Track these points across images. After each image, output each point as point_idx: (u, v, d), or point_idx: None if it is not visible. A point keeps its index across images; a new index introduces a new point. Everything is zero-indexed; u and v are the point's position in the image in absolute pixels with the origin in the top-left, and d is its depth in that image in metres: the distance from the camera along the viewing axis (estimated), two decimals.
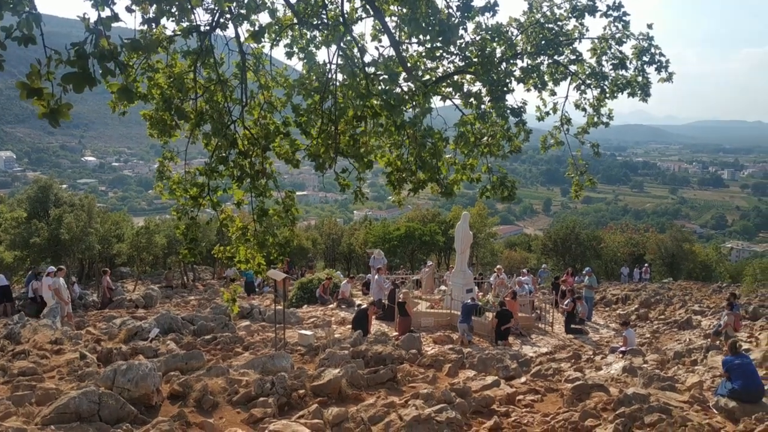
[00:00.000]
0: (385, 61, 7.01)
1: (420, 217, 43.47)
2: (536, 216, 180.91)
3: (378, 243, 37.56)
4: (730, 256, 72.33)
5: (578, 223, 44.66)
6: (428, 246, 40.11)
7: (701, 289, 29.23)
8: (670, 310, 23.47)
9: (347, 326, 18.05)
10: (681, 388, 10.85)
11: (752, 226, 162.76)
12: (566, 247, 41.00)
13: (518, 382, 11.28)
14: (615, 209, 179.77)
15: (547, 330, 20.04)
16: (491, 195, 8.41)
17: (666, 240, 41.89)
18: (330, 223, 46.53)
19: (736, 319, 17.72)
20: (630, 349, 15.65)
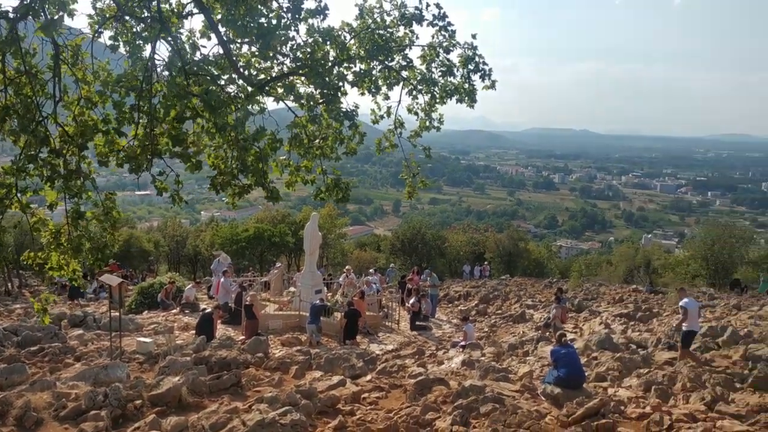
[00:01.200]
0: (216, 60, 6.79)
1: (270, 218, 42.88)
2: (386, 216, 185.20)
3: (225, 244, 36.51)
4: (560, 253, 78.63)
5: (424, 224, 46.28)
6: (278, 247, 39.66)
7: (534, 285, 31.36)
8: (507, 305, 24.96)
9: (191, 332, 17.35)
10: (514, 378, 11.55)
11: (579, 226, 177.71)
12: (413, 246, 42.31)
13: (364, 380, 11.44)
14: (459, 210, 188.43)
15: (393, 328, 20.53)
16: (326, 197, 8.42)
17: (504, 239, 44.50)
18: (174, 225, 44.52)
19: (563, 311, 19.21)
20: (469, 343, 16.44)
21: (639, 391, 10.66)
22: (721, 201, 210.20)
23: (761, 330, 15.65)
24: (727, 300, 24.93)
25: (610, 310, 21.96)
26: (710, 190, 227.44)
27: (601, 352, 13.73)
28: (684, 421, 8.74)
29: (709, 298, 25.73)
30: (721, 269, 34.16)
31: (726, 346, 14.03)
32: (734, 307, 22.50)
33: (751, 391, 10.44)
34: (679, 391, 10.44)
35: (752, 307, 22.23)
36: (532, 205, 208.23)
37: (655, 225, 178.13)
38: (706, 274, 35.07)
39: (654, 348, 14.44)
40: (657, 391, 10.31)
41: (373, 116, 8.73)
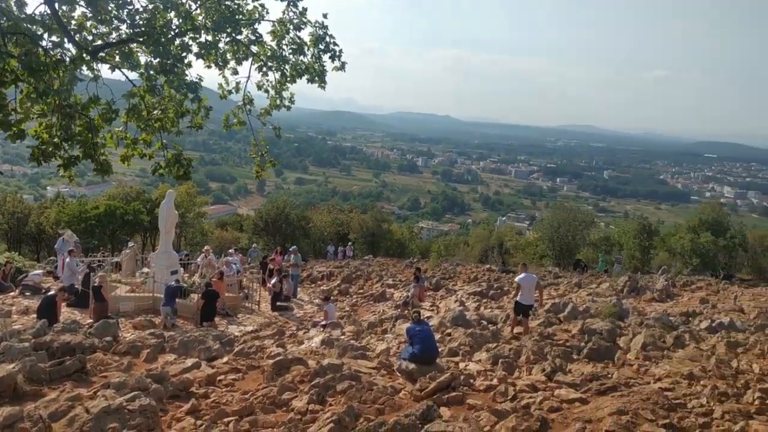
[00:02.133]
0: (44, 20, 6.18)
1: (123, 194, 40.52)
2: (250, 196, 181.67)
3: (72, 222, 34.04)
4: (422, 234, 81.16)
5: (289, 204, 45.83)
6: (131, 226, 37.61)
7: (396, 265, 32.07)
8: (369, 285, 25.37)
9: (32, 316, 16.06)
10: (371, 356, 11.76)
11: (440, 208, 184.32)
12: (277, 226, 41.80)
13: (220, 362, 11.18)
14: (325, 191, 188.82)
15: (254, 309, 20.19)
16: (165, 173, 8.02)
17: (368, 220, 45.12)
18: (14, 200, 40.80)
19: (421, 290, 19.82)
20: (330, 323, 16.52)
21: (487, 364, 11.22)
22: (568, 187, 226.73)
23: (597, 306, 17.05)
24: (569, 279, 26.92)
25: (465, 289, 22.95)
26: (559, 177, 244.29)
27: (454, 329, 14.31)
28: (526, 391, 9.32)
29: (554, 277, 27.65)
30: (565, 250, 36.81)
31: (566, 321, 15.14)
32: (576, 285, 24.37)
33: (585, 362, 11.34)
34: (523, 363, 11.11)
35: (591, 285, 24.19)
36: (396, 187, 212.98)
37: (509, 208, 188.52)
38: (552, 255, 37.65)
39: (503, 324, 15.27)
40: (503, 364, 10.90)
41: (221, 91, 8.39)
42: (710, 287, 25.10)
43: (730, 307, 19.42)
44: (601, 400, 8.76)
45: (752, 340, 13.63)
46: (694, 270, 33.00)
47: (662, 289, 22.12)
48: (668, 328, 14.35)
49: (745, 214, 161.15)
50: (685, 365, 11.10)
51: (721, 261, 34.00)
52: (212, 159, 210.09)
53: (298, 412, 8.22)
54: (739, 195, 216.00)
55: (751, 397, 9.54)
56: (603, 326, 13.41)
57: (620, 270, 31.12)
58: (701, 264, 33.64)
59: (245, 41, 7.93)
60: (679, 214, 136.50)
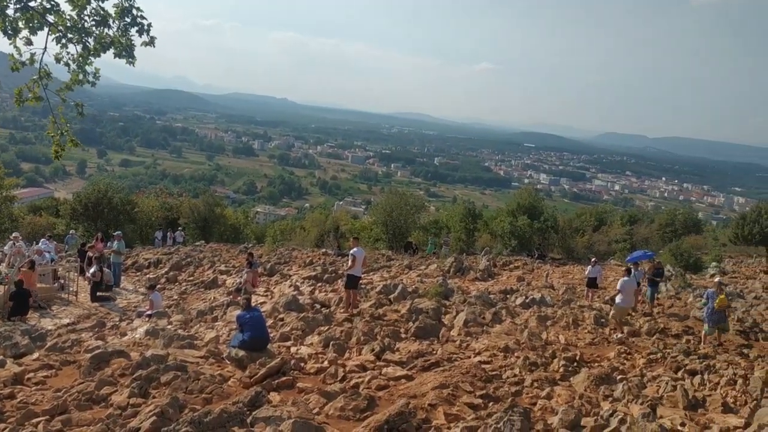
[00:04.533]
0: None
1: None
2: (69, 178, 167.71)
3: None
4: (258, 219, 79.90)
5: (112, 187, 42.76)
6: None
7: (230, 251, 31.28)
8: (200, 272, 24.52)
9: None
10: (200, 345, 11.40)
11: (277, 192, 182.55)
12: (98, 211, 38.90)
13: (30, 359, 10.32)
14: (154, 173, 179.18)
15: (71, 300, 18.72)
16: None
17: (199, 204, 43.47)
18: None
19: (255, 275, 19.51)
20: (156, 312, 15.78)
21: (319, 347, 11.34)
22: (402, 172, 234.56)
23: (425, 286, 17.85)
24: (401, 261, 27.91)
25: (300, 273, 22.94)
26: (393, 162, 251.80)
27: (287, 313, 14.27)
28: (356, 371, 9.54)
29: (387, 260, 28.52)
30: (398, 233, 38.03)
31: (396, 301, 15.70)
32: (406, 266, 25.31)
33: (413, 340, 11.83)
34: (354, 344, 11.36)
35: (421, 267, 25.26)
36: (231, 170, 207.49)
37: (346, 193, 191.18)
38: (386, 238, 38.73)
39: (336, 307, 15.48)
40: (335, 346, 11.07)
41: (12, 63, 7.60)
42: (526, 266, 27.28)
43: (543, 285, 21.26)
44: (425, 376, 9.20)
45: (559, 314, 15.04)
46: (512, 251, 35.65)
47: (484, 269, 23.67)
48: (488, 305, 15.38)
49: (558, 199, 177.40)
50: (501, 339, 11.98)
51: (536, 242, 37.00)
52: (24, 137, 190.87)
53: (118, 406, 7.78)
54: (553, 182, 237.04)
55: (556, 365, 10.52)
56: (429, 305, 14.07)
57: (447, 251, 32.81)
58: (519, 245, 36.40)
59: (39, 9, 7.19)
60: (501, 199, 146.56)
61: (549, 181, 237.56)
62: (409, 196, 42.10)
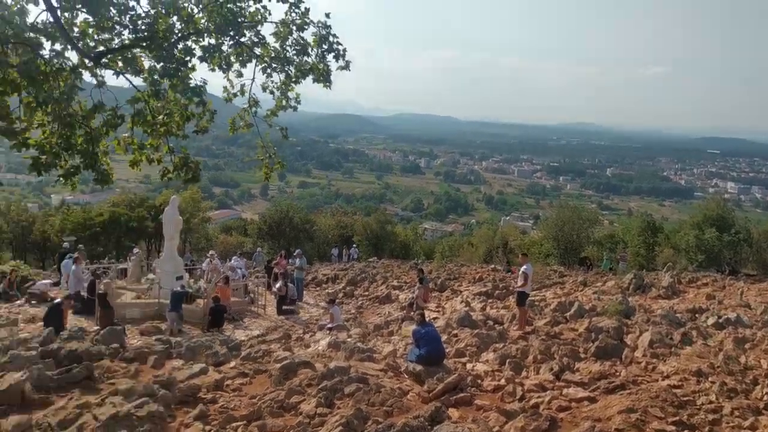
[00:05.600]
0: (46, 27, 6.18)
1: (127, 201, 40.59)
2: (254, 200, 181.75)
3: (77, 230, 34.15)
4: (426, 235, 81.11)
5: (293, 207, 45.83)
6: (136, 232, 37.71)
7: (400, 267, 32.02)
8: (374, 287, 25.35)
9: (39, 324, 16.08)
10: (378, 358, 11.74)
11: (443, 209, 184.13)
12: (281, 230, 41.82)
13: (227, 366, 11.16)
14: (328, 194, 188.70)
15: (260, 313, 20.20)
16: (174, 177, 8.03)
17: (372, 222, 45.09)
18: (18, 209, 40.95)
19: (426, 291, 19.80)
20: (336, 326, 16.52)
21: (495, 365, 11.21)
22: (572, 185, 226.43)
23: (603, 304, 17.01)
24: (575, 277, 26.85)
25: (470, 289, 22.92)
26: (562, 175, 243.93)
27: (461, 329, 14.29)
28: (534, 391, 9.30)
29: (560, 276, 27.58)
30: (570, 248, 36.72)
31: (573, 319, 15.12)
32: (581, 283, 24.30)
33: (593, 360, 11.31)
34: (530, 363, 11.09)
35: (596, 284, 24.12)
36: (399, 188, 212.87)
37: (512, 208, 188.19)
38: (557, 254, 37.56)
39: (509, 324, 15.25)
40: (511, 364, 10.89)
41: (226, 94, 8.38)
42: (716, 283, 25.01)
43: (737, 303, 19.36)
44: (609, 399, 8.74)
45: (759, 336, 13.59)
46: (699, 266, 32.90)
47: (668, 286, 22.06)
48: (675, 325, 14.31)
49: (750, 209, 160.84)
50: (693, 362, 11.07)
51: (727, 256, 33.87)
52: (215, 164, 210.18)
53: (307, 415, 8.21)
54: (742, 190, 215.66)
55: (759, 393, 9.51)
56: (610, 324, 13.37)
57: (625, 267, 31.04)
58: (706, 260, 33.54)
59: (248, 44, 7.92)
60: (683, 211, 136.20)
61: (738, 189, 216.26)
62: (582, 210, 40.55)
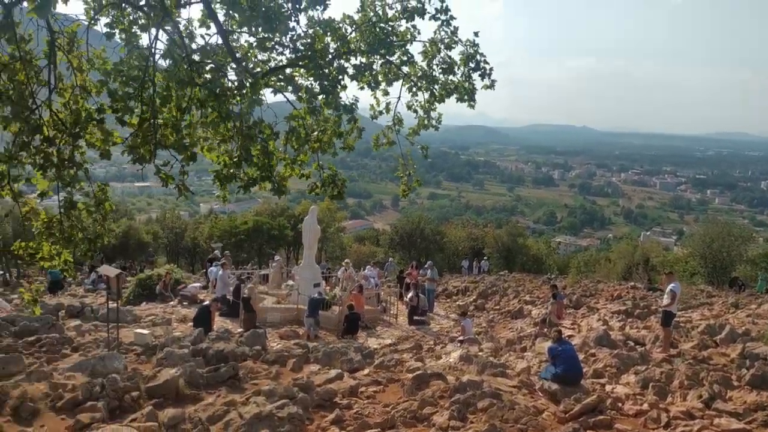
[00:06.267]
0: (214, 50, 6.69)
1: (268, 211, 42.85)
2: (385, 211, 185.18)
3: (224, 237, 36.50)
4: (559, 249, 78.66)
5: (423, 219, 46.20)
6: (276, 240, 39.68)
7: (533, 281, 31.31)
8: (505, 301, 24.95)
9: (189, 324, 17.33)
10: (511, 374, 11.54)
11: (578, 222, 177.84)
12: (412, 241, 42.29)
13: (362, 374, 11.40)
14: (458, 205, 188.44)
15: (391, 322, 20.52)
16: (321, 192, 8.35)
17: (503, 235, 44.42)
18: (173, 217, 44.52)
19: (559, 307, 19.20)
20: (467, 339, 16.42)
21: (636, 388, 10.66)
22: (720, 199, 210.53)
23: (759, 328, 15.65)
24: (725, 298, 24.92)
25: (608, 307, 21.93)
26: (709, 188, 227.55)
27: (598, 349, 13.72)
28: (681, 419, 8.74)
29: (707, 296, 25.73)
30: (719, 267, 34.12)
31: (723, 344, 14.04)
32: (732, 305, 22.50)
33: (748, 389, 10.44)
34: (676, 388, 10.44)
35: (750, 306, 22.23)
36: (531, 201, 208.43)
37: (654, 222, 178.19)
38: (704, 272, 35.04)
39: (652, 345, 14.43)
40: (654, 388, 10.31)
41: (372, 112, 8.63)
42: None
43: None
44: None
45: None
46: None
47: None
48: None
49: None
50: None
51: None
52: (350, 176, 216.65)
53: (440, 427, 8.23)
54: None
55: None
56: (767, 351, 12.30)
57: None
58: None
59: (397, 62, 8.14)
60: None
61: None
62: (732, 226, 37.59)
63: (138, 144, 6.60)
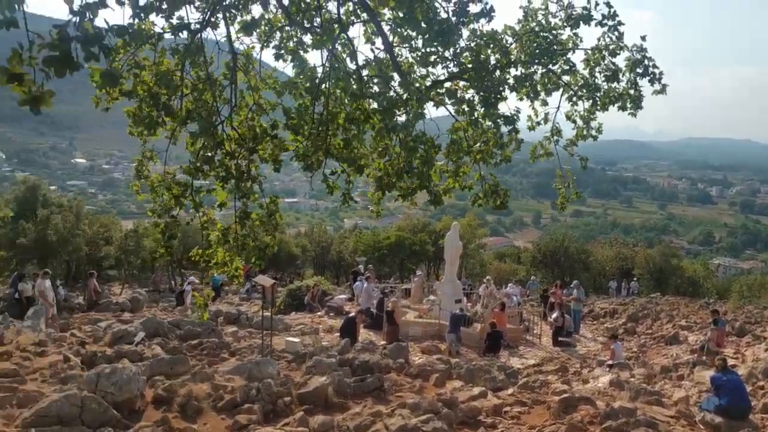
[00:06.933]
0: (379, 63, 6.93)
1: (410, 226, 43.44)
2: (526, 228, 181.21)
3: (368, 251, 37.46)
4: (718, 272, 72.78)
5: (568, 237, 44.75)
6: (418, 255, 40.10)
7: (688, 305, 29.30)
8: (658, 325, 23.50)
9: (335, 334, 17.94)
10: (668, 403, 10.83)
11: (739, 243, 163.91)
12: (555, 259, 41.07)
13: (505, 393, 11.21)
14: (604, 223, 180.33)
15: (534, 342, 20.01)
16: (483, 203, 8.32)
17: (654, 255, 41.98)
18: (320, 231, 46.43)
19: (720, 334, 17.77)
20: (617, 363, 15.64)
21: None
22: None
23: None
24: None
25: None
26: None
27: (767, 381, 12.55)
28: None
29: None
30: None
31: None
32: None
33: None
34: None
35: None
36: (685, 219, 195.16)
37: None
38: None
39: None
40: None
41: (530, 123, 8.54)
42: None
43: None
44: None
45: None
46: None
47: None
48: None
49: None
50: None
51: None
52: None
53: None
54: None
55: None
56: None
57: None
58: None
59: (558, 71, 8.02)
60: None
61: None
62: None
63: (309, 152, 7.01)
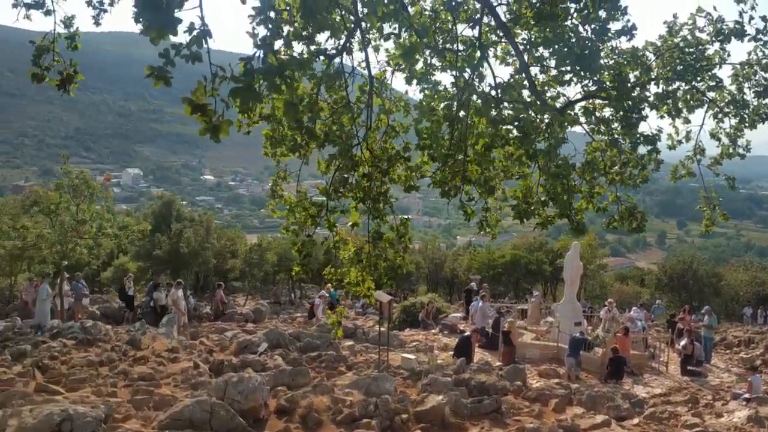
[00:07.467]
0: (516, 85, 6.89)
1: (526, 244, 42.57)
2: (649, 249, 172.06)
3: (482, 269, 37.08)
4: None
5: (697, 259, 42.12)
6: (534, 275, 39.20)
7: None
8: None
9: (449, 352, 17.88)
10: None
11: None
12: (682, 283, 38.74)
13: (630, 423, 10.77)
14: (737, 245, 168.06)
15: (660, 370, 18.93)
16: (619, 226, 8.05)
17: None
18: (434, 248, 46.47)
19: None
20: (755, 397, 14.49)
21: None
22: None
23: None
24: None
25: None
26: None
27: None
28: None
29: None
30: None
31: None
32: None
33: None
34: None
35: None
36: None
37: None
38: None
39: None
40: None
41: (671, 141, 8.20)
42: None
43: None
44: None
45: None
46: None
47: None
48: None
49: None
50: None
51: None
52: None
53: None
54: None
55: None
56: None
57: None
58: None
59: (702, 88, 7.67)
60: None
61: None
62: None
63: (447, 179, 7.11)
